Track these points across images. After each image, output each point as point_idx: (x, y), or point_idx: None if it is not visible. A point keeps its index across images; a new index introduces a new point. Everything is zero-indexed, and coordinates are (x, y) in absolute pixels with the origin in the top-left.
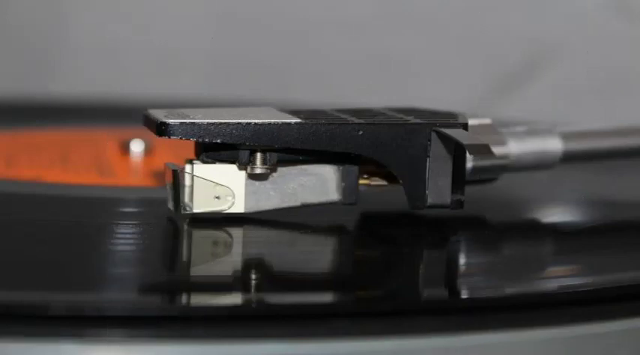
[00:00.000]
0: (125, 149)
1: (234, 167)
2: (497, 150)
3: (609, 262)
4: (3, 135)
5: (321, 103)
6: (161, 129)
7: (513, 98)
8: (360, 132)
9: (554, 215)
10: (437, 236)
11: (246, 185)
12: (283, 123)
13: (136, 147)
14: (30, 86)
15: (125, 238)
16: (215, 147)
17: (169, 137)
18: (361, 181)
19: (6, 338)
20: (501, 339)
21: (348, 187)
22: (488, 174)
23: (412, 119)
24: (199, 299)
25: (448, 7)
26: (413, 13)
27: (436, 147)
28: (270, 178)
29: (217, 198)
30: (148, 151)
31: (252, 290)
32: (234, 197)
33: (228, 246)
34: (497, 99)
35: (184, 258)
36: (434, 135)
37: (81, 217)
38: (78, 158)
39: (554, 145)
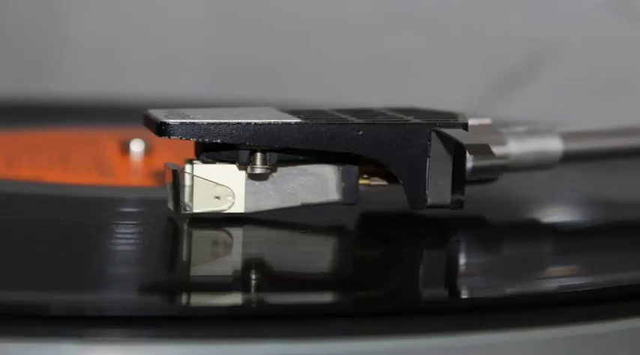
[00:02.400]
0: (125, 149)
1: (234, 167)
2: (497, 150)
3: (609, 262)
4: (3, 135)
5: (321, 103)
6: (161, 129)
7: (513, 98)
8: (360, 132)
9: (554, 215)
10: (437, 236)
11: (246, 185)
12: (283, 123)
13: (136, 147)
14: (30, 86)
15: (125, 238)
16: (215, 147)
17: (169, 137)
18: (361, 181)
19: (6, 338)
20: (501, 339)
21: (348, 187)
22: (488, 174)
23: (412, 119)
24: (199, 299)
25: (448, 7)
26: (413, 13)
27: (436, 147)
28: (270, 178)
29: (217, 198)
30: (148, 151)
31: (252, 290)
32: (234, 197)
33: (228, 246)
34: (497, 99)
35: (184, 258)
36: (434, 135)
37: (81, 217)
38: (78, 158)
39: (554, 145)
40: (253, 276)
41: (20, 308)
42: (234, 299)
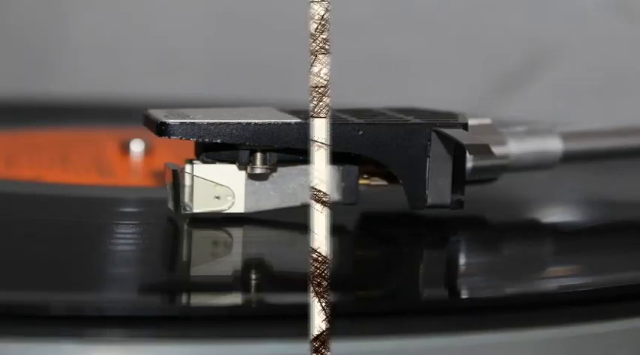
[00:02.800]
0: (125, 149)
1: (234, 167)
2: (497, 150)
3: (609, 262)
4: (3, 135)
5: None
6: (161, 129)
7: (513, 98)
8: (360, 132)
9: (554, 215)
10: (437, 236)
11: (246, 185)
12: (283, 123)
13: (136, 147)
14: (30, 86)
15: (125, 238)
16: (215, 147)
17: (169, 137)
18: (361, 181)
19: (6, 338)
20: (501, 339)
21: (348, 187)
22: (488, 174)
23: (412, 119)
24: (199, 299)
25: (448, 7)
26: (413, 13)
27: (436, 147)
28: (270, 178)
29: (217, 198)
30: (148, 151)
31: (252, 290)
32: (234, 197)
33: (228, 246)
34: (497, 99)
35: (184, 258)
36: (434, 135)
37: (81, 217)
38: (78, 158)
39: (554, 145)
40: (253, 276)
41: (20, 308)
42: (234, 299)
